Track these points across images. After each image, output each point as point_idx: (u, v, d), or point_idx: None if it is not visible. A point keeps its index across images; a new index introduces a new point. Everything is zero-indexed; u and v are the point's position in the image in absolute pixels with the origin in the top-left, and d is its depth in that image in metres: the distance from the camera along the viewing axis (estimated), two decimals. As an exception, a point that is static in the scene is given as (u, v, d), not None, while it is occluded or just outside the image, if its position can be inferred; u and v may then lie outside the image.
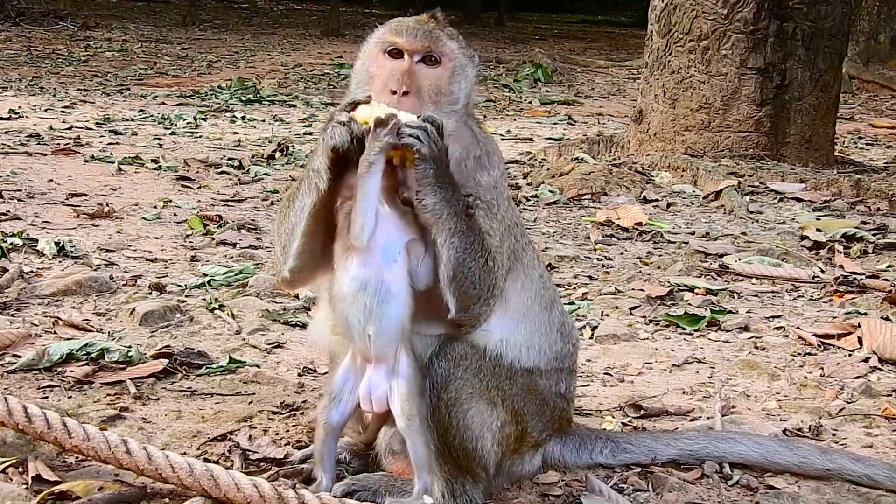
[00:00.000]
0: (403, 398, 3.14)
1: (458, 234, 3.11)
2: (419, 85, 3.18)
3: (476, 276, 3.15)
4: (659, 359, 4.92)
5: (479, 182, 3.28)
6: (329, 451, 3.27)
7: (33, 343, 4.70)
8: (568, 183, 8.98)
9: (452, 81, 3.26)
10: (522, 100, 16.81)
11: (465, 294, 3.15)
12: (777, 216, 8.29)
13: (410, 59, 3.21)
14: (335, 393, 3.26)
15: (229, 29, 28.06)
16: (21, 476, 3.34)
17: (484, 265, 3.17)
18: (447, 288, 3.12)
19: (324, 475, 3.25)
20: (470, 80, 3.32)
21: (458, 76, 3.28)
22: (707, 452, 3.67)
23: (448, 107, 3.24)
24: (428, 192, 3.07)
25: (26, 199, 7.71)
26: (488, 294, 3.20)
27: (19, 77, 16.11)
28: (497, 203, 3.30)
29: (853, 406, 4.36)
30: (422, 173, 3.05)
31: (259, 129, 12.38)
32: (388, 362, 3.16)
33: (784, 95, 9.86)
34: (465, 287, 3.14)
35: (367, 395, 3.20)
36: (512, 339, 3.32)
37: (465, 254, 3.13)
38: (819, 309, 5.81)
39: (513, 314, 3.33)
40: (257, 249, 6.63)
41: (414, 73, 3.20)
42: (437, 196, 3.08)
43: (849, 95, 17.35)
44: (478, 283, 3.16)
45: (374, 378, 3.18)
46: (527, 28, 34.24)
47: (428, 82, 3.21)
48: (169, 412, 4.02)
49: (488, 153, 3.35)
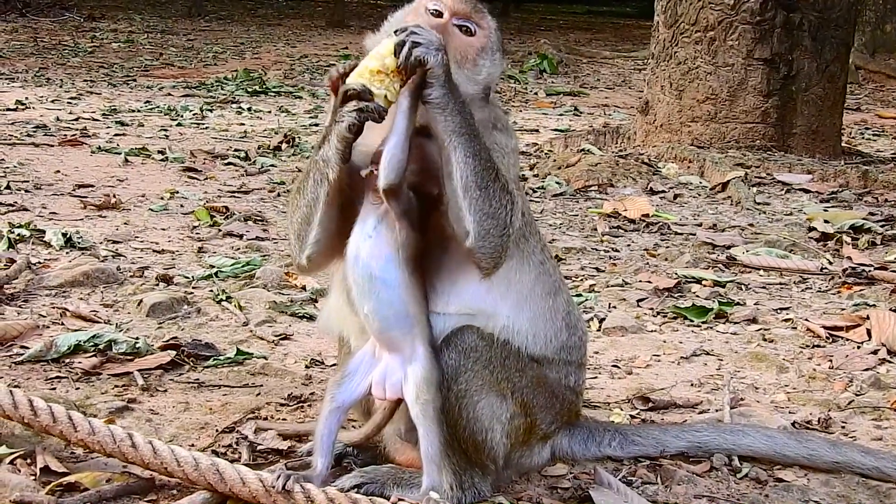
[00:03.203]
0: (419, 383, 3.12)
1: (474, 149, 3.06)
2: (448, 44, 3.15)
3: (495, 194, 3.09)
4: (667, 351, 4.91)
5: (495, 140, 3.26)
6: (329, 432, 3.22)
7: (41, 334, 4.70)
8: (574, 174, 8.96)
9: (480, 56, 3.26)
10: (528, 91, 16.77)
11: (484, 214, 3.08)
12: (784, 207, 8.27)
13: (449, 19, 3.23)
14: (349, 371, 3.24)
15: (235, 20, 28.02)
16: (29, 467, 3.34)
17: (502, 188, 3.11)
18: (464, 204, 3.06)
19: (320, 459, 3.19)
20: (497, 64, 3.32)
21: (487, 54, 3.28)
22: (716, 445, 3.66)
23: (470, 74, 3.23)
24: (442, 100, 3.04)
25: (33, 190, 7.71)
26: (506, 222, 3.13)
27: (26, 68, 16.11)
28: (506, 165, 3.25)
29: (862, 398, 4.35)
30: (435, 79, 3.03)
31: (265, 120, 12.38)
32: (404, 351, 3.15)
33: (791, 86, 9.83)
34: (483, 205, 3.07)
35: (381, 381, 3.18)
36: (516, 324, 3.29)
37: (482, 168, 3.07)
38: (827, 301, 5.80)
39: (515, 295, 3.29)
40: (264, 241, 6.62)
41: (448, 33, 3.20)
42: (451, 101, 3.05)
43: (855, 86, 17.29)
44: (496, 203, 3.09)
45: (391, 365, 3.17)
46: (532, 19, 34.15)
47: (458, 47, 3.22)
48: (177, 404, 4.02)
49: (503, 123, 3.36)
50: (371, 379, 3.21)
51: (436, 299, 3.21)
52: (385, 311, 3.12)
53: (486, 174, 3.08)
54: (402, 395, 3.17)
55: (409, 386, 3.14)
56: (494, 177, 3.11)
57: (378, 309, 3.12)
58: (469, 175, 3.06)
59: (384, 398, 3.23)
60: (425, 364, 3.13)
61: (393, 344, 3.16)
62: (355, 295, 3.15)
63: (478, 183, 3.06)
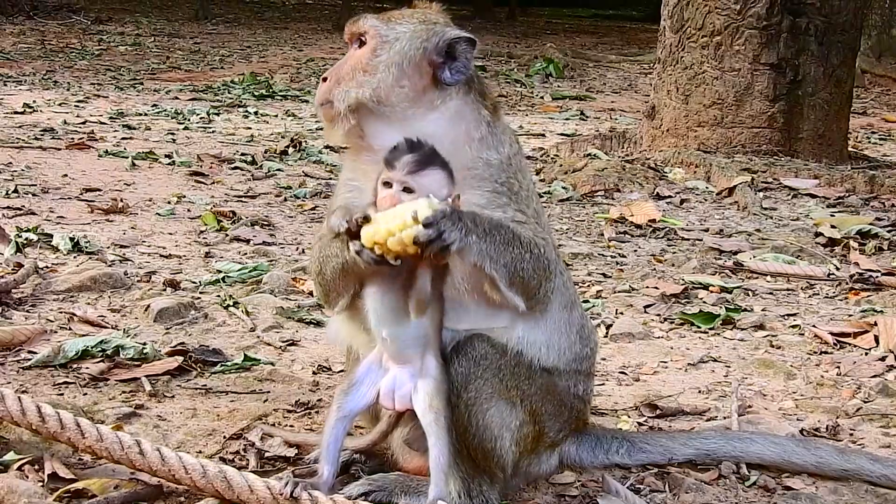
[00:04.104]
0: (431, 394, 3.13)
1: (500, 255, 3.11)
2: (341, 69, 3.28)
3: (530, 271, 3.19)
4: (674, 357, 4.91)
5: (488, 161, 3.26)
6: (335, 440, 3.22)
7: (49, 339, 4.71)
8: (581, 179, 8.96)
9: (372, 56, 3.27)
10: (534, 95, 16.77)
11: (527, 287, 3.20)
12: (791, 213, 8.26)
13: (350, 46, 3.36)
14: (356, 380, 3.25)
15: (241, 24, 28.04)
16: (37, 474, 3.34)
17: (532, 258, 3.19)
18: (509, 293, 3.16)
19: (326, 467, 3.19)
20: (394, 51, 3.26)
21: (380, 49, 3.27)
22: (724, 452, 3.66)
23: (362, 76, 3.24)
24: (466, 253, 3.05)
25: (41, 194, 7.72)
26: (545, 274, 3.25)
27: (33, 71, 16.13)
28: (517, 181, 3.28)
29: (870, 405, 4.34)
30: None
31: (272, 124, 12.38)
32: (415, 364, 3.16)
33: (797, 91, 9.82)
34: (524, 284, 3.18)
35: (389, 392, 3.19)
36: (532, 336, 3.30)
37: (515, 263, 3.15)
38: (834, 307, 5.79)
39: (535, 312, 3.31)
40: (271, 246, 6.63)
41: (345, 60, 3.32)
42: (473, 250, 3.07)
43: (861, 90, 17.27)
44: (534, 276, 3.21)
45: (400, 376, 3.18)
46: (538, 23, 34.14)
47: (351, 63, 3.29)
48: (184, 410, 4.02)
49: (493, 133, 3.31)
50: (378, 388, 3.22)
51: (449, 317, 3.21)
52: (404, 335, 3.14)
53: (517, 261, 3.14)
54: (411, 406, 3.17)
55: (419, 397, 3.15)
56: (523, 252, 3.16)
57: (398, 334, 3.14)
58: (504, 277, 3.13)
59: (393, 409, 3.23)
60: (436, 375, 3.14)
61: (405, 359, 3.17)
62: (374, 319, 3.17)
63: (512, 277, 3.14)
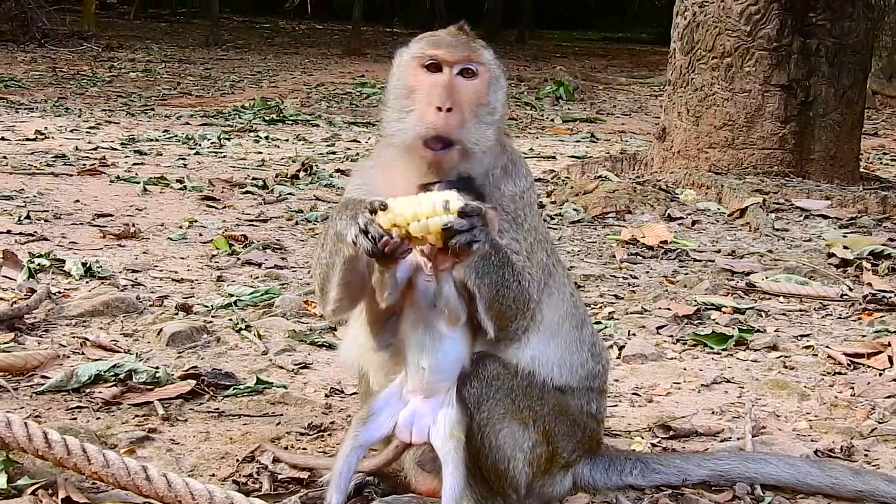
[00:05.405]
0: (453, 424, 3.12)
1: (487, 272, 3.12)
2: (460, 99, 3.18)
3: (510, 300, 3.17)
4: (687, 378, 4.89)
5: (503, 192, 3.28)
6: (348, 469, 3.20)
7: (61, 364, 4.71)
8: (592, 201, 8.96)
9: (490, 92, 3.26)
10: (544, 118, 16.81)
11: (503, 316, 3.18)
12: (803, 233, 8.25)
13: (450, 71, 3.21)
14: (374, 411, 3.23)
15: (252, 49, 28.20)
16: (51, 498, 3.34)
17: (517, 287, 3.18)
18: (485, 316, 3.15)
19: (335, 495, 3.16)
20: (504, 90, 3.33)
21: (495, 87, 3.29)
22: (738, 473, 3.64)
23: (488, 117, 3.24)
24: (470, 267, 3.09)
25: (53, 220, 7.75)
26: (524, 310, 3.22)
27: (45, 98, 16.22)
28: (524, 214, 3.29)
29: (885, 426, 4.31)
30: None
31: (283, 148, 12.42)
32: (440, 397, 3.15)
33: (808, 112, 9.82)
34: (501, 312, 3.17)
35: (407, 425, 3.17)
36: (543, 356, 3.30)
37: (498, 285, 3.14)
38: (848, 327, 5.77)
39: (545, 331, 3.32)
40: (283, 269, 6.63)
41: (455, 87, 3.19)
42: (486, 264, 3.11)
43: (872, 111, 17.26)
44: (513, 305, 3.18)
45: (420, 408, 3.17)
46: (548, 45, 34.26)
47: (468, 95, 3.21)
48: (197, 433, 4.02)
49: (514, 162, 3.37)
50: (396, 419, 3.20)
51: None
52: (444, 361, 3.14)
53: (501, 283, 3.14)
54: (428, 440, 3.15)
55: (438, 429, 3.13)
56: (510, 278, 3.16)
57: (438, 361, 3.14)
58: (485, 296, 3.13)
59: (409, 442, 3.21)
60: (457, 405, 3.14)
61: (435, 391, 3.16)
62: (414, 351, 3.15)
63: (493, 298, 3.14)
